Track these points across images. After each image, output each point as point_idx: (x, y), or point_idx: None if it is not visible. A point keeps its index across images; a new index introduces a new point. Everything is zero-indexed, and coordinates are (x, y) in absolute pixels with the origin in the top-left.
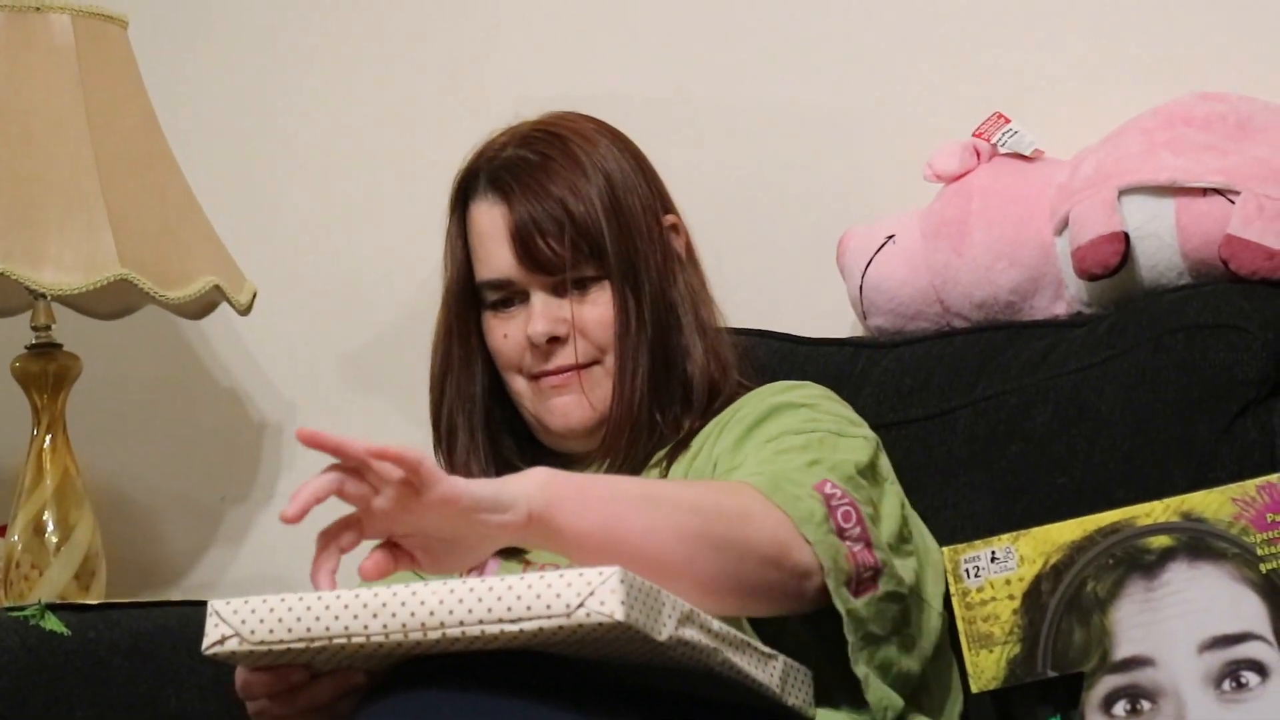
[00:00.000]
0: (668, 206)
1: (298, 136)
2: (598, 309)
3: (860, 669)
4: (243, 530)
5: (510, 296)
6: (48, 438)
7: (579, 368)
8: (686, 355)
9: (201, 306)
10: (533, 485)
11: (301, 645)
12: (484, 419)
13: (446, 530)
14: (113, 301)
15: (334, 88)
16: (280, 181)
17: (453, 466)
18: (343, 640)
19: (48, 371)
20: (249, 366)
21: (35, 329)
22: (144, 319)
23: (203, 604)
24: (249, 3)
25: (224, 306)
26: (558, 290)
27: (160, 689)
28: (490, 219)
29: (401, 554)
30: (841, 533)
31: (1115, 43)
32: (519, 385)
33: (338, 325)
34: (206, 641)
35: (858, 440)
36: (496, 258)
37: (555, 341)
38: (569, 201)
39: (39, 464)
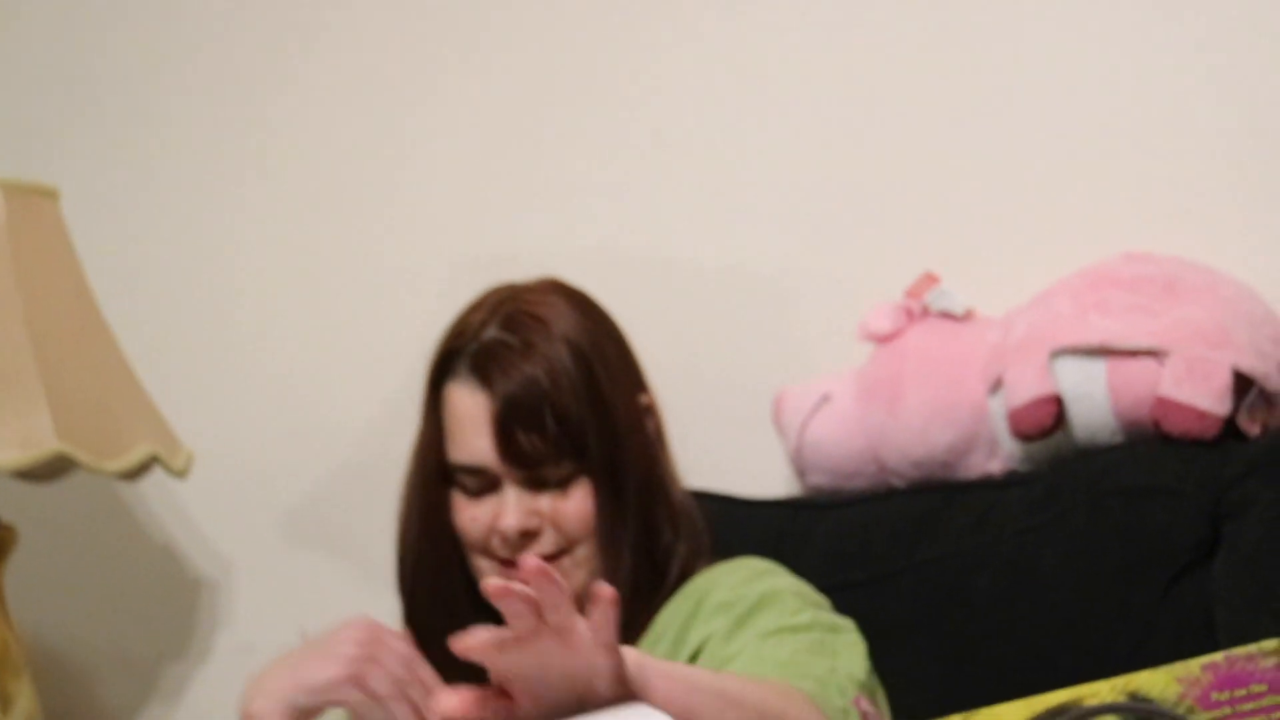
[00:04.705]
0: (643, 385)
1: (233, 297)
2: (574, 503)
3: None
4: (180, 688)
5: (483, 484)
6: None
7: (550, 559)
8: (663, 546)
9: (138, 471)
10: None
11: None
12: (468, 605)
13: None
14: (48, 469)
15: (268, 249)
16: (216, 341)
17: (438, 644)
18: None
19: None
20: (185, 525)
21: None
22: (78, 480)
23: None
24: (179, 168)
25: None
26: (531, 483)
27: None
28: (470, 404)
29: (494, 697)
30: None
31: (1043, 202)
32: (484, 565)
33: (276, 483)
34: None
35: (851, 635)
36: (474, 446)
37: (526, 535)
38: (553, 395)
39: None
